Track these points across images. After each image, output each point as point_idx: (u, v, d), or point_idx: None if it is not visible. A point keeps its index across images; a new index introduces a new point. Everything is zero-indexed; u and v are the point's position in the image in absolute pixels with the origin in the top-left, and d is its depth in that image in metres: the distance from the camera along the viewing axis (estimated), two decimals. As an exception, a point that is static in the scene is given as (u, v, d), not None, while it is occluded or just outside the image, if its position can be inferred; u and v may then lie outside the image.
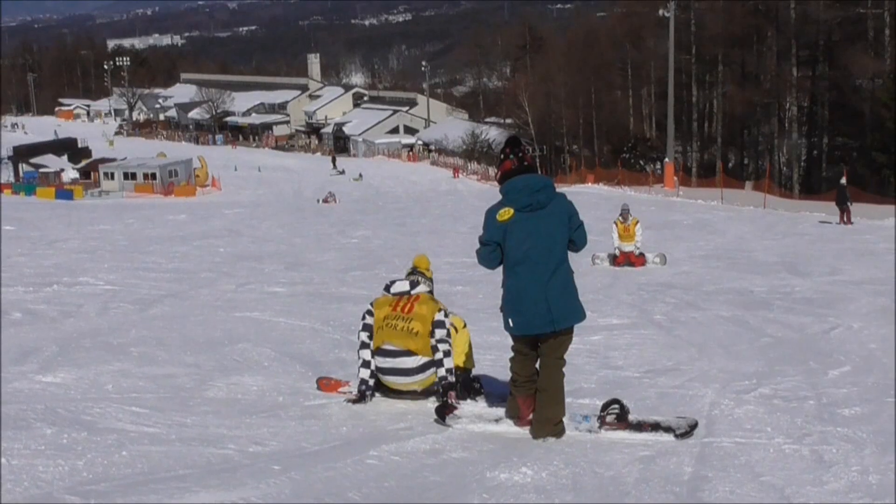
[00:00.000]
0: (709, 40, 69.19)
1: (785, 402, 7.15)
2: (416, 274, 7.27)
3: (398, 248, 21.02)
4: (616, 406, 6.26)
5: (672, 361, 8.81)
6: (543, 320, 5.98)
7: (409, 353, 6.89)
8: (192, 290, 13.21)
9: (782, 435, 6.22)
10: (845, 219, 30.68)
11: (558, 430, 6.12)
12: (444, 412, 6.55)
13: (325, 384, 7.41)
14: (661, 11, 59.68)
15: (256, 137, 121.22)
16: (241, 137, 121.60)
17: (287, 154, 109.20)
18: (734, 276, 15.80)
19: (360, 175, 75.87)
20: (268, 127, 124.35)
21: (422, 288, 7.12)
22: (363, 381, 7.00)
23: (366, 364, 7.01)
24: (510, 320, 6.11)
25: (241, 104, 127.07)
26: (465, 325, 7.42)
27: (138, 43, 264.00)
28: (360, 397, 6.96)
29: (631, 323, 11.04)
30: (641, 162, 70.83)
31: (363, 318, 7.10)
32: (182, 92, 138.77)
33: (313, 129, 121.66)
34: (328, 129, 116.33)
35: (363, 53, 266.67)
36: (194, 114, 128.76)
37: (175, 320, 10.44)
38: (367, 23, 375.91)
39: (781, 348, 9.44)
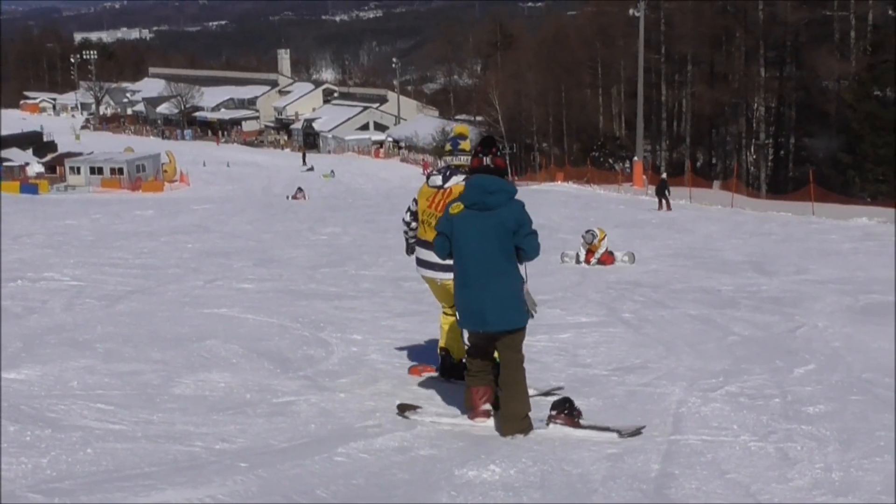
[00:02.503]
0: (678, 40, 69.57)
1: (751, 399, 7.21)
2: (455, 153, 7.30)
3: (368, 244, 20.96)
4: (566, 406, 6.33)
5: (640, 359, 8.84)
6: (475, 320, 6.12)
7: None
8: (160, 286, 13.11)
9: (748, 432, 6.27)
10: (665, 206, 37.46)
11: (525, 426, 6.16)
12: (405, 407, 6.70)
13: (419, 370, 7.87)
14: (631, 11, 59.84)
15: (226, 133, 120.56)
16: (209, 133, 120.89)
17: (256, 150, 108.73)
18: (702, 275, 15.88)
19: (332, 172, 75.62)
20: (237, 122, 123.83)
21: (455, 180, 7.18)
22: (407, 240, 7.67)
23: (406, 231, 7.62)
24: (458, 314, 6.32)
25: (211, 99, 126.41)
26: None
27: (106, 36, 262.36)
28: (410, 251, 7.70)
29: (599, 321, 11.06)
30: (611, 160, 71.17)
31: (411, 203, 7.49)
32: (150, 86, 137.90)
33: (283, 125, 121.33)
34: (298, 126, 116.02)
35: (333, 49, 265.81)
36: (163, 108, 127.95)
37: (142, 316, 10.36)
38: (337, 19, 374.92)
39: (748, 347, 9.50)
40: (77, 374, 7.34)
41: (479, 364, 6.37)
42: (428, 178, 7.37)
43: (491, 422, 6.37)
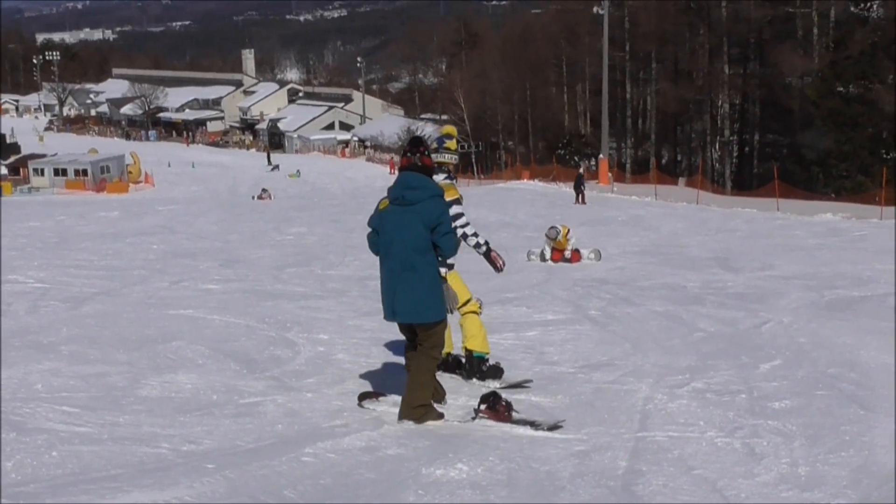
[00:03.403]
0: (642, 37, 69.80)
1: (717, 395, 7.26)
2: (440, 151, 7.41)
3: (333, 244, 20.92)
4: (491, 399, 6.41)
5: (607, 356, 8.88)
6: (388, 310, 6.37)
7: None
8: (125, 288, 13.02)
9: (715, 428, 6.31)
10: (580, 200, 39.46)
11: (417, 415, 6.36)
12: (365, 396, 6.86)
13: None
14: (595, 9, 60.13)
15: (191, 134, 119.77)
16: (174, 133, 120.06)
17: (222, 150, 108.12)
18: (668, 272, 15.96)
19: (298, 171, 75.35)
20: (202, 123, 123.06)
21: (437, 178, 7.08)
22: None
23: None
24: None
25: (175, 100, 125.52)
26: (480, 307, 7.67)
27: (69, 37, 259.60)
28: None
29: (566, 318, 11.09)
30: (576, 158, 71.32)
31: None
32: (114, 87, 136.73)
33: (248, 126, 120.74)
34: (263, 126, 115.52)
35: (298, 49, 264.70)
36: (127, 109, 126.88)
37: (107, 318, 10.28)
38: (301, 18, 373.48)
39: (714, 343, 9.56)
40: (42, 377, 7.28)
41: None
42: None
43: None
